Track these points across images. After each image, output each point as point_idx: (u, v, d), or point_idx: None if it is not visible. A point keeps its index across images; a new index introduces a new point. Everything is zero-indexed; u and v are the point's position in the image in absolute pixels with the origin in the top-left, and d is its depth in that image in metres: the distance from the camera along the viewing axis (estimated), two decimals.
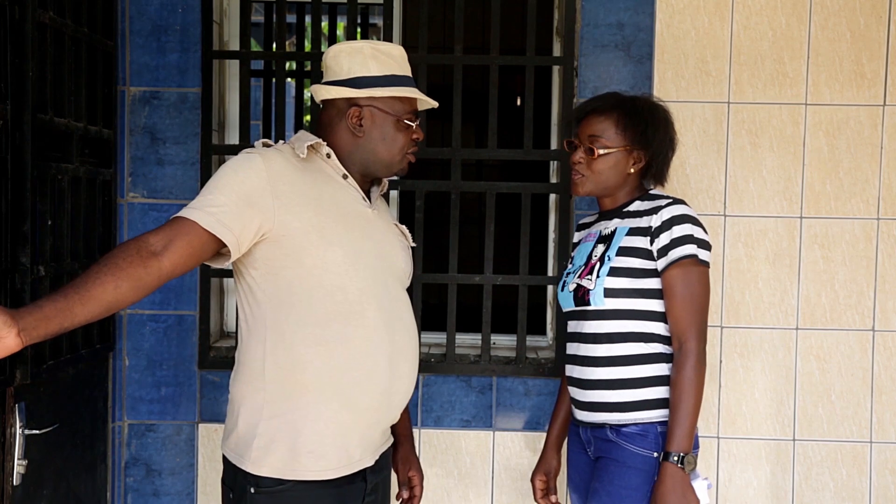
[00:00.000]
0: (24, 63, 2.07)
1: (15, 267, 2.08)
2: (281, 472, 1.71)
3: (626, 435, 1.94)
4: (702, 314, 1.92)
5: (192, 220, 1.62)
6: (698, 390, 1.89)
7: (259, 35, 5.13)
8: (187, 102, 2.67)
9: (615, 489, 1.92)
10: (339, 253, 1.71)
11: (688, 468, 1.86)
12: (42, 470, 2.20)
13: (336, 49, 1.82)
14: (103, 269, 1.50)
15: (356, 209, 1.80)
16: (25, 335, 1.38)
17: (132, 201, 2.69)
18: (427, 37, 2.70)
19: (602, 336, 1.97)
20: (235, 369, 1.80)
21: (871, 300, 2.64)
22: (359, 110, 1.78)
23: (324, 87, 1.81)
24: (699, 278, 1.92)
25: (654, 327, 1.96)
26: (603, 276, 1.94)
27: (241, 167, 1.69)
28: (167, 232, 1.61)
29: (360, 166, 1.83)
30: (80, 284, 1.47)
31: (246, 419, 1.73)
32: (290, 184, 1.70)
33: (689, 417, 1.87)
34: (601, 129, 1.99)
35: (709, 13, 2.63)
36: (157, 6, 2.66)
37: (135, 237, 1.60)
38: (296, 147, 1.77)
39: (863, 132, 2.62)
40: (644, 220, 1.96)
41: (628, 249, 1.95)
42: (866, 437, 2.65)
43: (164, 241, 1.59)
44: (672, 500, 1.84)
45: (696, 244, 1.92)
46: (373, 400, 1.76)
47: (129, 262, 1.53)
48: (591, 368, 1.98)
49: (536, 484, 2.22)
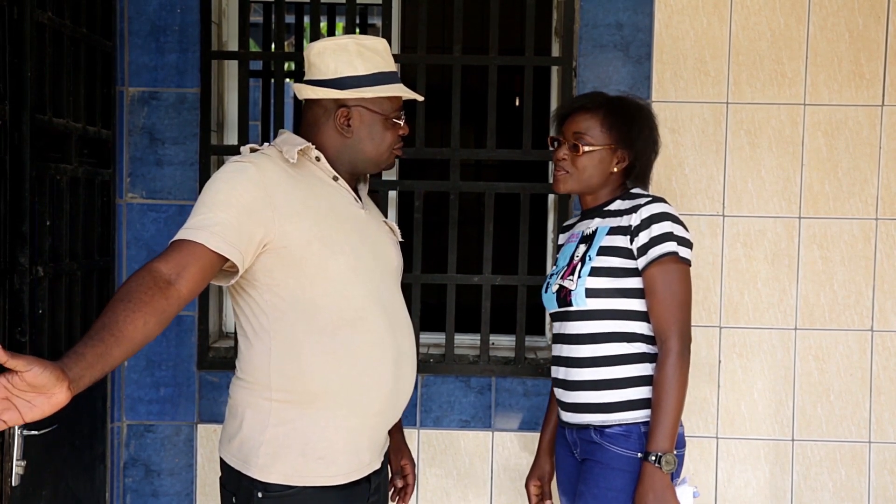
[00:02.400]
0: (22, 63, 2.06)
1: (13, 267, 2.08)
2: (290, 478, 1.68)
3: (609, 436, 1.92)
4: (683, 312, 1.90)
5: (198, 243, 1.57)
6: (679, 389, 1.86)
7: (258, 35, 5.13)
8: (186, 103, 2.67)
9: (600, 491, 1.91)
10: (342, 261, 1.70)
11: (666, 468, 1.82)
12: (41, 471, 2.20)
13: (320, 46, 1.78)
14: (129, 306, 1.46)
15: (351, 212, 1.78)
16: (74, 386, 1.35)
17: (131, 202, 2.69)
18: (426, 37, 2.70)
19: (585, 337, 1.95)
20: (238, 376, 1.78)
21: (870, 300, 2.64)
22: (347, 111, 1.75)
23: (309, 88, 1.77)
24: (680, 276, 1.90)
25: (636, 327, 1.94)
26: (584, 276, 1.93)
27: (236, 179, 1.64)
28: (177, 258, 1.55)
29: (348, 165, 1.80)
30: (111, 325, 1.43)
31: (251, 425, 1.71)
32: (286, 192, 1.67)
33: (670, 416, 1.84)
34: (586, 126, 1.97)
35: (707, 13, 2.63)
36: (155, 6, 2.66)
37: (144, 267, 1.54)
38: (284, 151, 1.72)
39: (861, 132, 2.62)
40: (624, 219, 1.94)
41: (609, 249, 1.93)
42: (865, 437, 2.65)
43: (177, 269, 1.54)
44: (650, 500, 1.82)
45: (676, 241, 1.90)
46: (380, 403, 1.75)
47: (151, 295, 1.49)
48: (575, 370, 1.97)
49: (531, 490, 2.19)
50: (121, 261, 2.68)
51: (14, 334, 2.08)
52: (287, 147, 1.73)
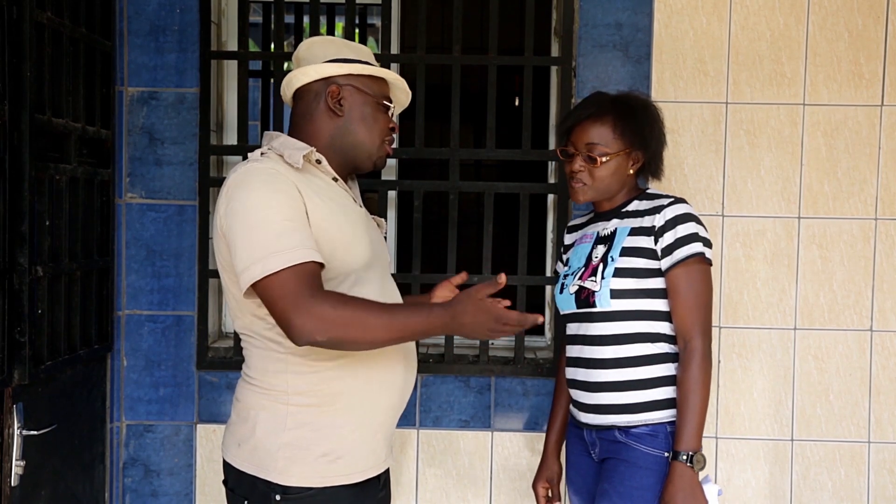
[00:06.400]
0: (21, 63, 2.06)
1: (13, 267, 2.08)
2: (311, 480, 1.66)
3: (635, 436, 1.93)
4: (706, 312, 1.92)
5: (291, 267, 1.54)
6: (705, 388, 1.88)
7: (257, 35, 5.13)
8: (185, 103, 2.67)
9: (626, 489, 1.91)
10: (361, 262, 1.70)
11: (697, 467, 1.86)
12: (40, 471, 2.20)
13: (307, 42, 1.80)
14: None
15: (357, 212, 1.79)
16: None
17: (130, 201, 2.69)
18: (425, 37, 2.70)
19: (609, 338, 1.95)
20: (248, 379, 1.74)
21: (869, 300, 2.64)
22: (338, 88, 1.74)
23: (300, 70, 1.76)
24: (703, 277, 1.92)
25: (660, 327, 1.95)
26: (608, 277, 1.93)
27: (272, 185, 1.60)
28: (299, 289, 1.53)
29: (340, 155, 1.78)
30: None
31: (266, 429, 1.68)
32: (309, 198, 1.65)
33: (697, 416, 1.87)
34: (598, 135, 1.96)
35: (707, 13, 2.63)
36: (155, 6, 2.66)
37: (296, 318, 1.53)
38: (286, 156, 1.69)
39: (861, 132, 2.62)
40: (646, 220, 1.95)
41: (632, 250, 1.94)
42: (864, 436, 2.65)
43: (312, 290, 1.54)
44: (681, 499, 1.83)
45: (701, 242, 1.92)
46: (394, 399, 1.76)
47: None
48: (599, 371, 1.96)
49: (539, 491, 2.19)
50: (120, 261, 2.68)
51: (13, 334, 2.08)
52: (289, 152, 1.70)
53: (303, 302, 1.52)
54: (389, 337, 1.57)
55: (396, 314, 1.57)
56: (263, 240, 1.55)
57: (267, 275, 1.54)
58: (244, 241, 1.57)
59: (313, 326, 1.52)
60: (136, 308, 2.69)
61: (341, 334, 1.54)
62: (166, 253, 2.68)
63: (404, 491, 2.70)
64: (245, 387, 1.75)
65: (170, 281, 2.68)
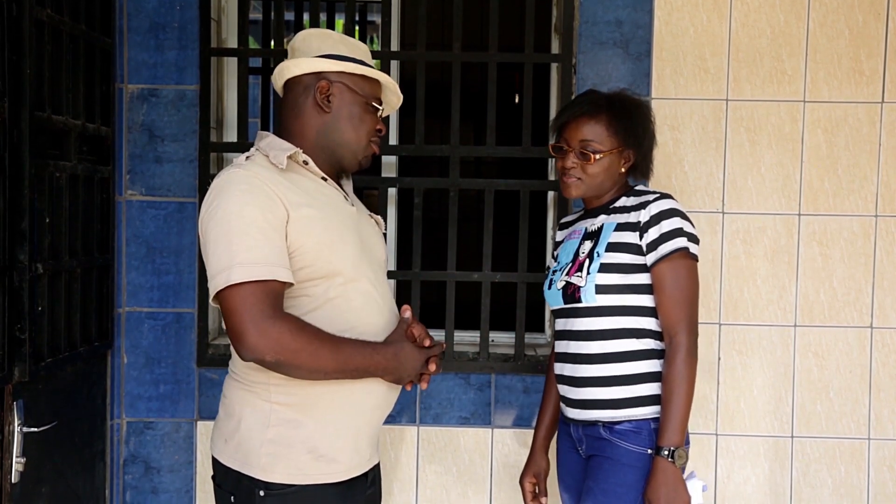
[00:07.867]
0: (21, 60, 2.06)
1: (13, 264, 2.08)
2: (294, 477, 1.67)
3: (619, 432, 1.93)
4: (692, 308, 1.91)
5: (254, 282, 1.54)
6: (689, 384, 1.88)
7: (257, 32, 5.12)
8: (185, 100, 2.67)
9: (610, 486, 1.91)
10: (349, 262, 1.70)
11: (678, 462, 1.85)
12: (40, 468, 2.20)
13: (305, 33, 1.79)
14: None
15: (347, 212, 1.77)
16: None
17: (130, 199, 2.69)
18: (425, 34, 2.70)
19: (594, 333, 1.96)
20: (233, 377, 1.76)
21: (870, 297, 2.64)
22: (328, 84, 1.74)
23: (293, 61, 1.75)
24: (688, 272, 1.91)
25: (645, 323, 1.95)
26: (594, 272, 1.93)
27: (249, 194, 1.59)
28: (257, 306, 1.53)
29: (327, 153, 1.77)
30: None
31: (250, 425, 1.69)
32: (292, 202, 1.64)
33: (681, 412, 1.86)
34: (592, 133, 1.96)
35: (707, 10, 2.63)
36: (155, 3, 2.66)
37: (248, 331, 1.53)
38: (272, 157, 1.69)
39: (861, 129, 2.62)
40: (632, 216, 1.95)
41: (617, 245, 1.94)
42: (864, 433, 2.65)
43: (272, 309, 1.54)
44: (662, 494, 1.83)
45: (686, 237, 1.91)
46: (378, 400, 1.75)
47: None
48: (584, 366, 1.97)
49: (526, 486, 2.18)
50: (120, 258, 2.68)
51: (13, 331, 2.08)
52: (274, 152, 1.70)
53: (259, 319, 1.54)
54: (335, 369, 1.62)
55: (345, 350, 1.62)
56: (231, 251, 1.56)
57: (229, 285, 1.55)
58: (214, 248, 1.59)
59: (265, 346, 1.54)
60: (137, 305, 2.69)
61: (290, 359, 1.56)
62: (166, 250, 2.68)
63: (404, 488, 2.70)
64: (231, 383, 1.76)
65: (170, 278, 2.68)
